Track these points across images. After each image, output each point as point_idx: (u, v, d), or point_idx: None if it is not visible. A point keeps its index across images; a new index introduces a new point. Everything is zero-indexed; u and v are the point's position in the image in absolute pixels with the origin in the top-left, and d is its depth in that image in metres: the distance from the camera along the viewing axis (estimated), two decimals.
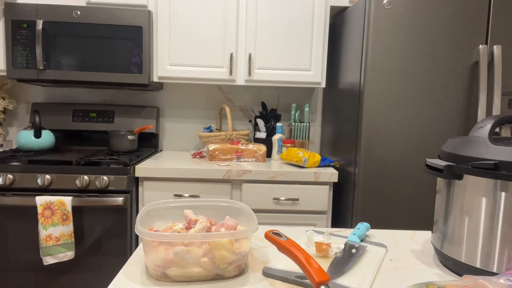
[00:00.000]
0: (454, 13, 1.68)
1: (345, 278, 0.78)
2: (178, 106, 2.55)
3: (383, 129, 1.72)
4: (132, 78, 2.08)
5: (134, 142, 2.26)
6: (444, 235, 0.85)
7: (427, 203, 1.74)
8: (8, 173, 1.82)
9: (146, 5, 2.12)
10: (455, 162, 0.81)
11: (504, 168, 0.73)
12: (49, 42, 2.03)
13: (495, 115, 1.28)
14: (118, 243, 1.88)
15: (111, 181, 1.84)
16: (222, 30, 2.15)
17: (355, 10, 1.88)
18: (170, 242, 0.75)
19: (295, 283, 0.76)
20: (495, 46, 1.66)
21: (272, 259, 0.86)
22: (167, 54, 2.15)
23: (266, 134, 2.39)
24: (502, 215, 0.74)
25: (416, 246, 0.99)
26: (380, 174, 1.73)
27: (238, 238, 0.77)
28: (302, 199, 1.95)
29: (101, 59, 2.06)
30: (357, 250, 0.91)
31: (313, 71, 2.19)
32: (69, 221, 1.78)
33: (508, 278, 0.62)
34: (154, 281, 0.76)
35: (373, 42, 1.69)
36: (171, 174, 1.92)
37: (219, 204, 0.93)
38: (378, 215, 1.75)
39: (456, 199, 0.82)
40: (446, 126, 1.72)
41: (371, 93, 1.71)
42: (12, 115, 2.51)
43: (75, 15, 2.03)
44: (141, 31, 2.05)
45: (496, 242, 0.75)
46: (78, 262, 1.86)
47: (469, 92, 1.71)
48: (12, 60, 2.03)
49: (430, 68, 1.70)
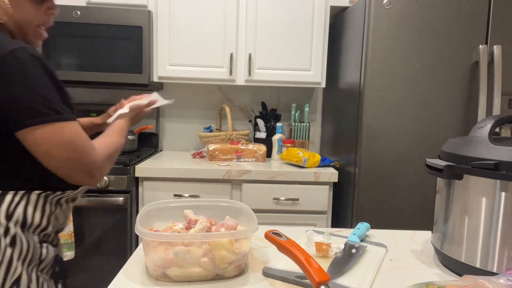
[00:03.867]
0: (454, 13, 1.68)
1: (345, 278, 0.78)
2: (178, 106, 2.55)
3: (383, 129, 1.72)
4: (132, 78, 2.08)
5: (134, 142, 2.26)
6: (444, 235, 0.85)
7: (427, 203, 1.74)
8: None
9: (146, 5, 2.12)
10: (455, 162, 0.81)
11: (504, 168, 0.73)
12: (49, 42, 2.03)
13: (495, 115, 1.28)
14: (118, 243, 1.88)
15: (111, 181, 1.84)
16: (222, 30, 2.15)
17: (355, 10, 1.88)
18: (170, 242, 0.75)
19: (295, 283, 0.76)
20: (495, 46, 1.66)
21: (272, 259, 0.86)
22: (167, 54, 2.15)
23: (266, 134, 2.39)
24: (502, 215, 0.74)
25: (416, 246, 0.99)
26: (380, 174, 1.73)
27: (238, 238, 0.77)
28: (302, 199, 1.95)
29: (101, 59, 2.06)
30: (357, 250, 0.91)
31: (313, 71, 2.19)
32: (69, 221, 1.78)
33: (508, 278, 0.62)
34: (154, 281, 0.76)
35: (373, 42, 1.69)
36: (171, 174, 1.92)
37: (219, 204, 0.93)
38: (378, 215, 1.75)
39: (456, 199, 0.82)
40: (446, 126, 1.72)
41: (371, 93, 1.71)
42: None
43: (75, 15, 2.03)
44: (141, 31, 2.05)
45: (496, 242, 0.75)
46: (78, 262, 1.86)
47: (469, 92, 1.71)
48: None
49: (430, 68, 1.70)
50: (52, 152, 0.80)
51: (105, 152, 0.89)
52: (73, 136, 0.81)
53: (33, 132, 0.77)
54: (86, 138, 0.84)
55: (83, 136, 0.83)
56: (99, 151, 0.87)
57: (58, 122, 0.79)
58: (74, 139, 0.81)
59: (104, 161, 0.88)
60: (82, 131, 0.84)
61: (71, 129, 0.81)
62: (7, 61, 0.76)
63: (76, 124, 0.83)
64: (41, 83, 0.79)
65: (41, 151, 0.79)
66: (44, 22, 0.92)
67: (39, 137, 0.78)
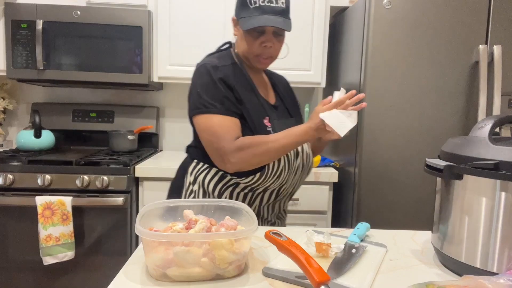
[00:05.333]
0: (454, 13, 1.68)
1: (345, 278, 0.78)
2: (178, 106, 2.55)
3: (383, 129, 1.72)
4: (132, 78, 2.08)
5: (134, 142, 2.26)
6: (444, 235, 0.85)
7: (427, 203, 1.74)
8: (8, 173, 1.82)
9: (146, 5, 2.12)
10: (455, 162, 0.81)
11: (504, 168, 0.73)
12: (49, 42, 2.03)
13: (495, 115, 1.28)
14: (118, 243, 1.88)
15: (111, 181, 1.84)
16: (222, 30, 2.15)
17: (355, 10, 1.88)
18: (170, 242, 0.75)
19: (295, 283, 0.76)
20: (495, 46, 1.66)
21: (272, 259, 0.86)
22: (167, 54, 2.15)
23: None
24: (502, 215, 0.74)
25: (416, 246, 0.99)
26: (380, 174, 1.73)
27: (238, 238, 0.77)
28: (302, 199, 1.95)
29: (101, 59, 2.06)
30: (357, 250, 0.91)
31: (313, 71, 2.19)
32: (69, 221, 1.78)
33: (508, 278, 0.62)
34: (154, 281, 0.76)
35: (373, 42, 1.68)
36: (171, 174, 1.91)
37: (219, 204, 0.93)
38: (378, 215, 1.75)
39: (456, 199, 0.82)
40: (446, 126, 1.72)
41: (371, 93, 1.70)
42: (12, 115, 2.51)
43: (75, 15, 2.03)
44: (141, 31, 2.05)
45: (496, 242, 0.75)
46: (78, 262, 1.86)
47: (469, 92, 1.71)
48: (12, 60, 2.03)
49: (430, 68, 1.70)
50: (201, 134, 1.12)
51: (244, 144, 1.06)
52: (215, 125, 1.08)
53: (194, 119, 1.13)
54: (229, 128, 1.08)
55: (225, 125, 1.08)
56: (237, 142, 1.06)
57: (205, 114, 1.09)
58: (215, 127, 1.08)
59: (236, 151, 1.06)
60: (228, 123, 1.09)
61: (214, 119, 1.09)
62: (196, 70, 1.17)
63: (220, 116, 1.09)
64: (203, 86, 1.12)
65: (198, 134, 1.14)
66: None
67: (196, 124, 1.13)
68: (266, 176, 1.14)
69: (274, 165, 1.14)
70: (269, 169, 1.13)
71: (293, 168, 1.20)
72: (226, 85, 1.13)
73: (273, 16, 1.12)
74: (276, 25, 1.11)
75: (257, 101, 1.19)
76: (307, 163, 1.26)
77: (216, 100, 1.10)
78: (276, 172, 1.15)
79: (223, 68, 1.16)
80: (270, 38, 1.16)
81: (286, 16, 1.15)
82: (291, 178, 1.22)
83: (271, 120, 1.19)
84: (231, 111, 1.12)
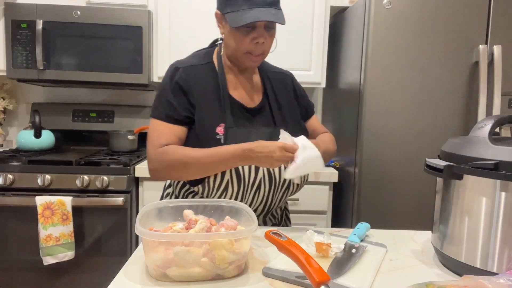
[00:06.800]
0: (454, 13, 1.68)
1: (345, 278, 0.78)
2: None
3: (383, 129, 1.72)
4: (132, 78, 2.08)
5: (134, 142, 2.26)
6: (444, 235, 0.85)
7: (427, 203, 1.74)
8: (8, 173, 1.82)
9: (146, 5, 2.12)
10: (455, 162, 0.81)
11: (504, 168, 0.73)
12: (49, 42, 2.03)
13: (495, 115, 1.28)
14: (118, 243, 1.88)
15: (111, 181, 1.84)
16: None
17: (355, 10, 1.88)
18: (170, 242, 0.75)
19: (295, 283, 0.76)
20: (495, 46, 1.66)
21: (272, 259, 0.86)
22: (167, 54, 2.15)
23: None
24: (502, 215, 0.74)
25: (416, 246, 0.99)
26: (380, 174, 1.73)
27: (238, 238, 0.77)
28: (302, 199, 1.95)
29: (101, 59, 2.06)
30: (357, 250, 0.91)
31: (313, 71, 2.18)
32: (69, 221, 1.78)
33: (508, 278, 0.62)
34: (154, 281, 0.76)
35: (373, 42, 1.68)
36: None
37: (219, 204, 0.93)
38: (378, 215, 1.75)
39: (456, 199, 0.82)
40: (446, 126, 1.72)
41: (371, 93, 1.71)
42: (12, 115, 2.51)
43: (75, 15, 2.02)
44: (141, 31, 2.05)
45: (496, 242, 0.75)
46: (78, 262, 1.86)
47: (469, 92, 1.71)
48: (12, 60, 2.03)
49: (430, 68, 1.70)
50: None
51: (164, 153, 1.05)
52: (151, 129, 1.10)
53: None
54: (160, 134, 1.07)
55: (158, 131, 1.08)
56: (159, 149, 1.05)
57: (151, 118, 1.11)
58: (150, 131, 1.10)
59: (155, 159, 1.06)
60: (162, 129, 1.08)
61: (153, 123, 1.10)
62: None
63: (158, 121, 1.09)
64: (159, 89, 1.13)
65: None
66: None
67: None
68: (209, 188, 1.06)
69: (216, 178, 1.04)
70: (209, 182, 1.05)
71: (247, 183, 1.06)
72: (180, 89, 1.08)
73: (264, 8, 1.00)
74: (270, 19, 1.00)
75: (217, 107, 1.09)
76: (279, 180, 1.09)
77: (160, 104, 1.10)
78: (220, 186, 1.05)
79: (187, 69, 1.10)
80: (262, 33, 1.05)
81: (277, 7, 1.05)
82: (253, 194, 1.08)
83: (226, 128, 1.07)
84: (172, 118, 1.07)
